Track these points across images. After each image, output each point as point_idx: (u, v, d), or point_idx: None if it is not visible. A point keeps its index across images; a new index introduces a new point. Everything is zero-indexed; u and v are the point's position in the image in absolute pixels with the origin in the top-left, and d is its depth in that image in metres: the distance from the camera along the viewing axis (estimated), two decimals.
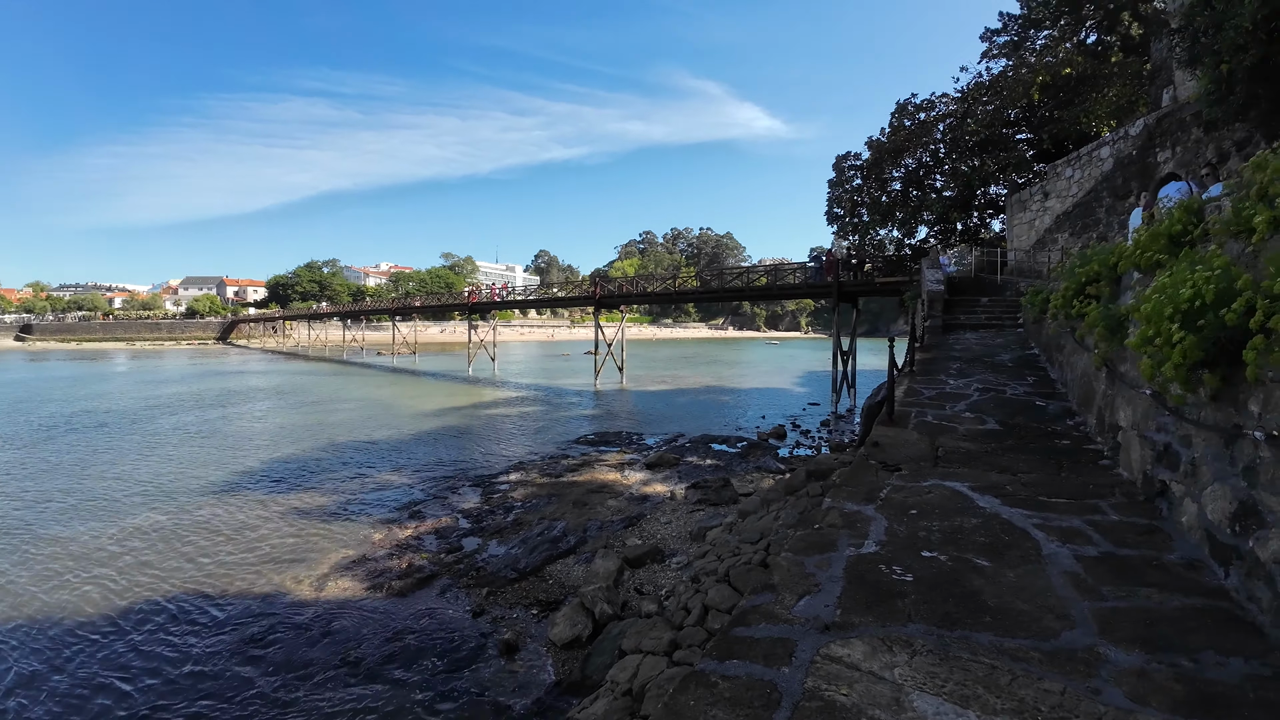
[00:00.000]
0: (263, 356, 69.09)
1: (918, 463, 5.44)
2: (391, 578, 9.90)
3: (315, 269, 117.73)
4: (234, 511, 13.38)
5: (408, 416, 25.62)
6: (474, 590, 9.41)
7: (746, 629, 2.83)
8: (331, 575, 10.11)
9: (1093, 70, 24.47)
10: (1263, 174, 3.39)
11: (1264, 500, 2.97)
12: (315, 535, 11.91)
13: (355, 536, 11.81)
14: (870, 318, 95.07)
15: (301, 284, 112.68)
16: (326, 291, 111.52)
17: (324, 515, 13.03)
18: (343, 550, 11.11)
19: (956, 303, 16.12)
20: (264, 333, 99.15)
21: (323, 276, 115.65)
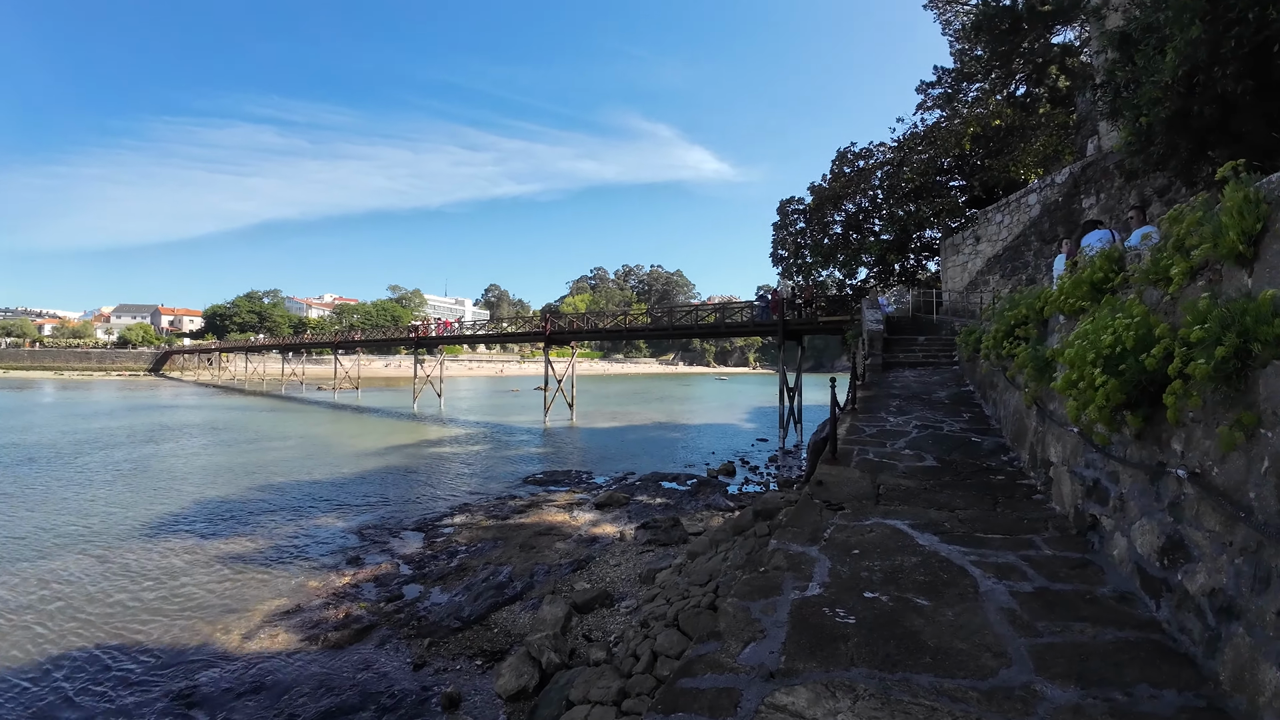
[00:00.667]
0: (196, 390, 66.20)
1: (860, 501, 5.52)
2: (328, 628, 9.40)
3: (255, 299, 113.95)
4: (164, 555, 12.76)
5: (348, 455, 24.71)
6: (415, 641, 9.00)
7: (692, 679, 2.79)
8: (264, 626, 9.58)
9: (1021, 121, 26.10)
10: (1179, 226, 3.63)
11: (1190, 535, 3.11)
12: (248, 582, 11.34)
13: (290, 584, 11.26)
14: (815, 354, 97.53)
15: (240, 314, 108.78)
16: (266, 323, 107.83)
17: (258, 561, 12.45)
18: (277, 599, 10.58)
19: (895, 341, 16.68)
20: (199, 365, 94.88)
21: (263, 307, 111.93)
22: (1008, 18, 27.50)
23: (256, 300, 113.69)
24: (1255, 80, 5.32)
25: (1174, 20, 5.63)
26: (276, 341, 79.55)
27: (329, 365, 70.02)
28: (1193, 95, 5.83)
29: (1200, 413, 3.12)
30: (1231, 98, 5.53)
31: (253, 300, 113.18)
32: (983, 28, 28.31)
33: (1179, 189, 9.91)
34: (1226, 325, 2.81)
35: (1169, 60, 5.77)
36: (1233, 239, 2.91)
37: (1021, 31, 27.74)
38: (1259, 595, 2.46)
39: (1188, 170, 7.02)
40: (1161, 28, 6.03)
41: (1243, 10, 5.01)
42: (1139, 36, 6.78)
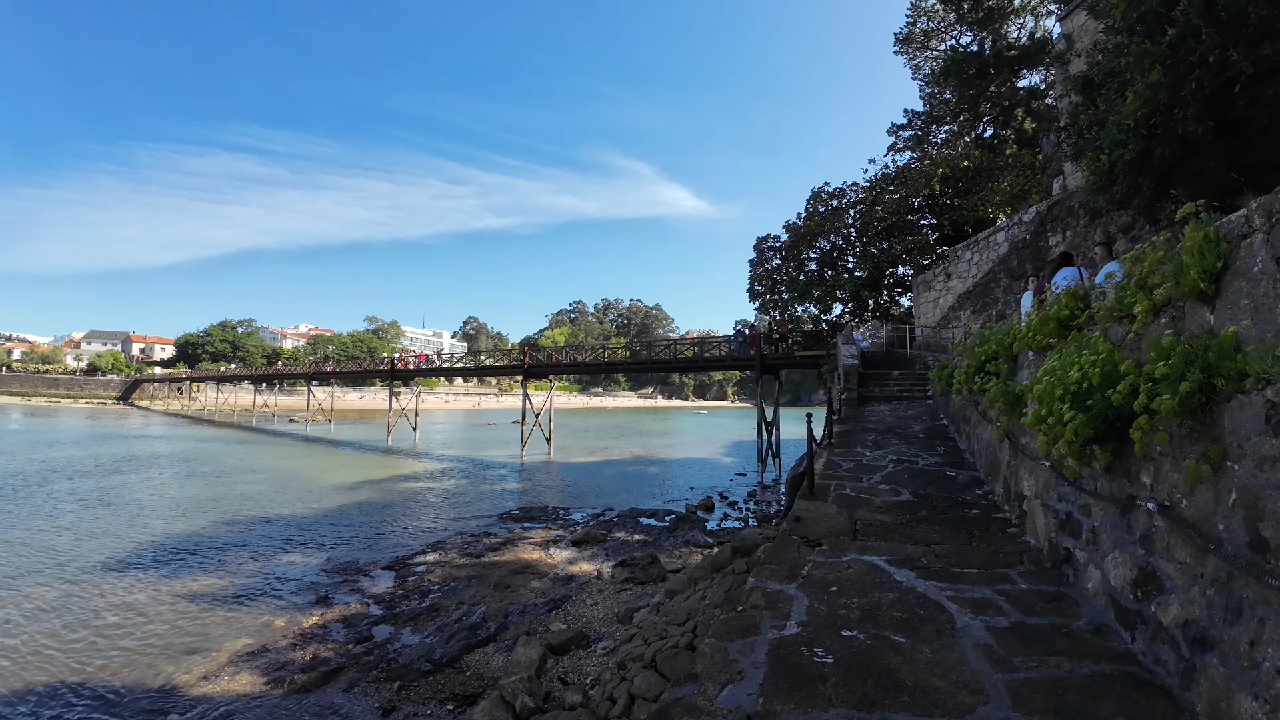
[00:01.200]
0: (165, 420, 64.68)
1: (837, 537, 5.50)
2: (294, 670, 9.05)
3: (229, 328, 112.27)
4: (128, 591, 12.39)
5: (319, 490, 24.12)
6: (384, 684, 8.68)
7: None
8: (228, 667, 9.23)
9: (989, 162, 27.00)
10: (1141, 265, 3.72)
11: (1162, 567, 3.13)
12: (213, 620, 10.97)
13: (256, 623, 10.88)
14: (792, 388, 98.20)
15: (213, 343, 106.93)
16: (239, 352, 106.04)
17: (223, 599, 12.06)
18: (242, 639, 10.21)
19: (870, 376, 16.86)
20: (168, 394, 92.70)
21: (236, 336, 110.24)
22: (975, 63, 28.74)
23: (230, 329, 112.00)
24: (1216, 121, 5.56)
25: (1135, 65, 5.89)
26: (249, 372, 78.17)
27: (302, 397, 68.65)
28: (1154, 136, 6.07)
29: (1167, 447, 3.16)
30: (1192, 138, 5.77)
31: (226, 329, 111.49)
32: (951, 73, 29.55)
33: (1143, 226, 10.26)
34: (1190, 361, 2.87)
35: (1130, 103, 6.03)
36: (1194, 277, 2.99)
37: (988, 76, 28.97)
38: (1231, 626, 2.47)
39: (1150, 208, 7.28)
40: (1123, 72, 6.31)
41: (1204, 54, 5.26)
42: (1101, 81, 7.08)
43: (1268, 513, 2.35)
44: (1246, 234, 2.67)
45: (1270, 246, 2.48)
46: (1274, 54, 4.73)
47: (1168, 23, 5.63)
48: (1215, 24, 5.14)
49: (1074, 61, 15.26)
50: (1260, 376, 2.41)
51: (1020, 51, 28.52)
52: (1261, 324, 2.54)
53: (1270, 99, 5.04)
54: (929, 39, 34.72)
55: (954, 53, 30.43)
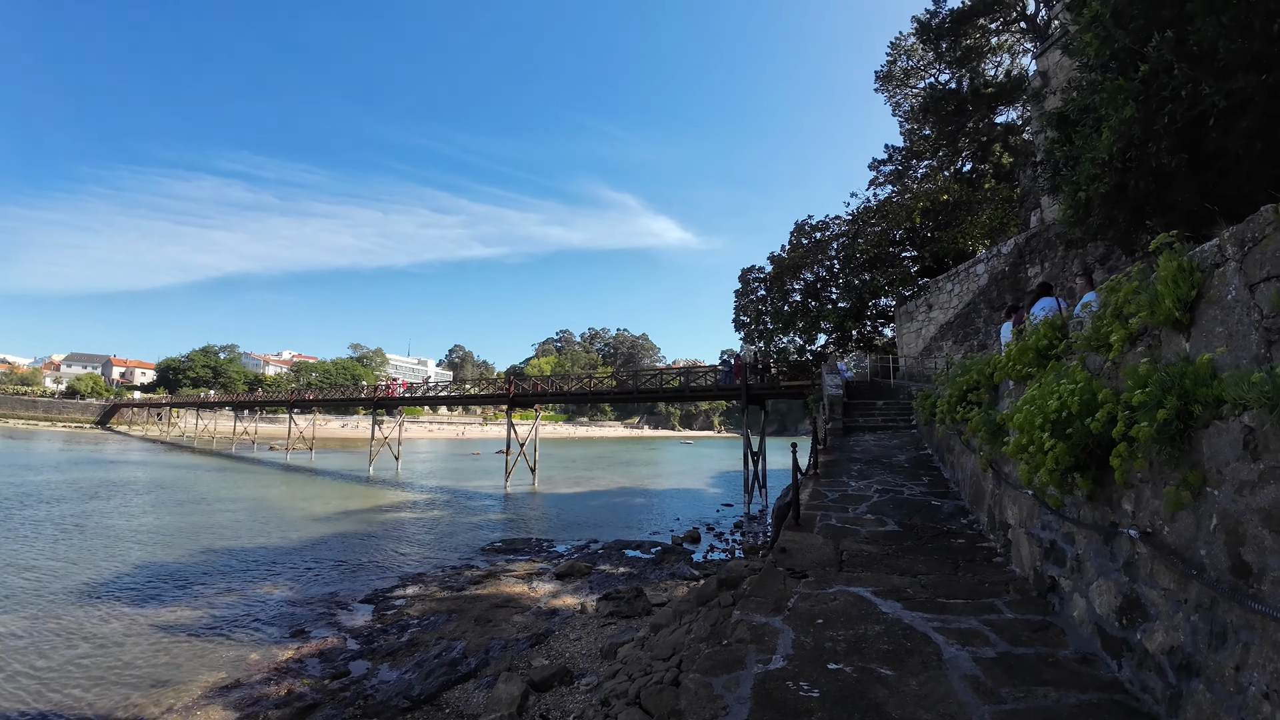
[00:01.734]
0: (143, 446, 63.46)
1: (823, 568, 5.44)
2: (268, 706, 8.77)
3: (211, 354, 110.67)
4: (103, 619, 12.12)
5: (298, 520, 23.61)
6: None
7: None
8: (201, 701, 8.96)
9: (968, 196, 27.56)
10: (1117, 295, 3.78)
11: (1146, 594, 3.11)
12: (186, 653, 10.67)
13: (230, 657, 10.58)
14: (779, 417, 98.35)
15: (195, 369, 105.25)
16: (221, 378, 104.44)
17: (197, 630, 11.76)
18: (215, 673, 9.93)
19: (855, 406, 16.93)
20: (147, 419, 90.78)
21: (218, 362, 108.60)
22: (953, 100, 29.54)
23: (212, 355, 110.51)
24: (1189, 153, 5.73)
25: (1109, 101, 6.08)
26: (229, 398, 76.87)
27: (283, 424, 67.37)
28: (1129, 170, 6.24)
29: (1147, 473, 3.18)
30: (1166, 170, 5.93)
31: (208, 355, 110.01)
32: (930, 109, 30.34)
33: (1119, 256, 10.49)
34: (1167, 388, 2.90)
35: (1105, 138, 6.20)
36: (1169, 306, 3.04)
37: (966, 113, 29.77)
38: (1216, 651, 2.46)
39: (1126, 239, 7.45)
40: (1097, 108, 6.50)
41: (1176, 89, 5.43)
42: (1076, 117, 7.30)
43: (1248, 537, 2.36)
44: (1219, 263, 2.72)
45: (1243, 274, 2.53)
46: (1246, 87, 4.89)
47: (1140, 59, 5.82)
48: (1187, 59, 5.32)
49: (1049, 98, 15.74)
50: (1237, 402, 2.44)
51: (997, 89, 29.37)
52: (1236, 350, 2.57)
53: (1243, 130, 5.20)
54: (908, 77, 35.70)
55: (933, 90, 31.27)
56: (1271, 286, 2.33)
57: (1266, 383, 2.24)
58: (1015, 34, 31.14)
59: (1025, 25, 29.92)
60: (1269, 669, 2.16)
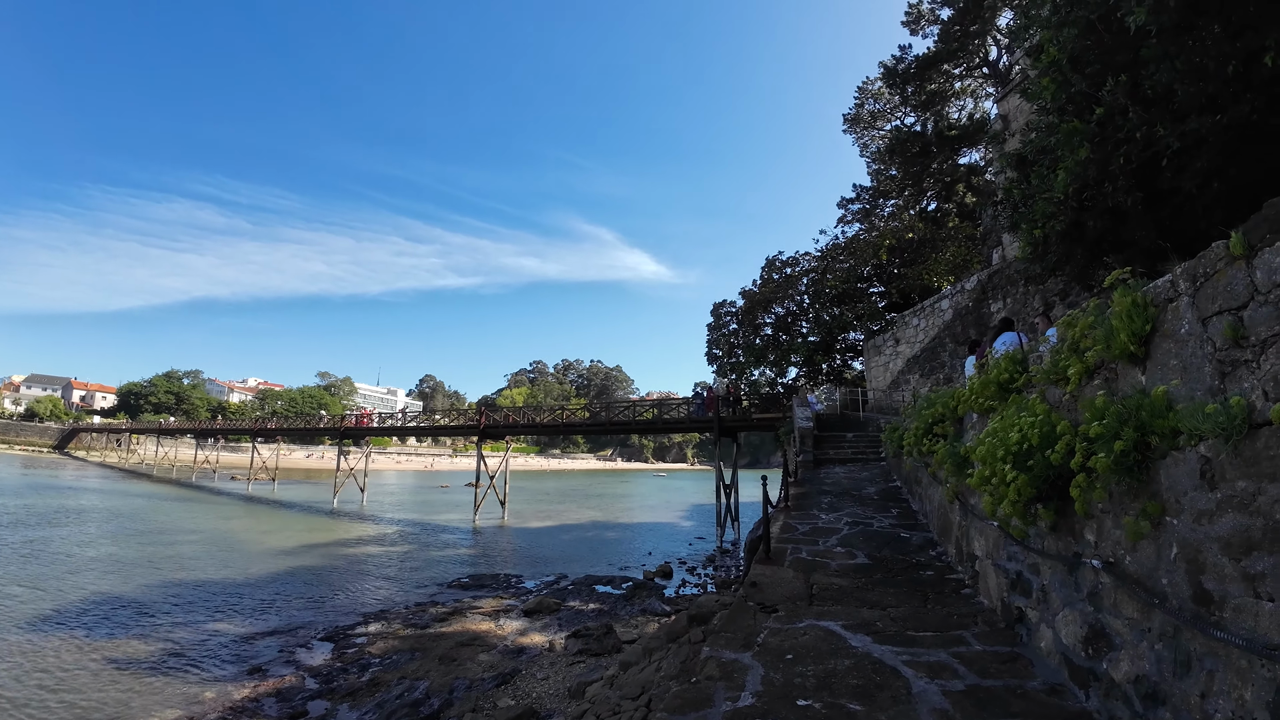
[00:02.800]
0: (101, 472, 61.32)
1: (794, 602, 5.39)
2: None
3: (174, 379, 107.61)
4: (54, 651, 11.63)
5: (258, 554, 22.78)
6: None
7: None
8: None
9: (933, 234, 28.39)
10: (1074, 330, 3.87)
11: (1110, 624, 3.12)
12: (138, 690, 10.23)
13: (183, 694, 10.14)
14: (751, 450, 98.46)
15: (157, 394, 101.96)
16: (184, 404, 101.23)
17: (150, 666, 11.29)
18: (169, 710, 9.52)
19: (825, 438, 17.03)
20: (106, 445, 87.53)
21: (181, 388, 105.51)
22: (918, 142, 30.57)
23: (175, 380, 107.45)
24: (1144, 192, 5.96)
25: (1065, 143, 6.33)
26: (190, 425, 74.53)
27: (246, 454, 65.38)
28: (1085, 208, 6.49)
29: (1107, 504, 3.22)
30: (1122, 209, 6.16)
31: (171, 380, 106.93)
32: (896, 151, 31.34)
33: (1078, 292, 10.82)
34: (1124, 420, 2.96)
35: (1061, 178, 6.45)
36: (1124, 340, 3.11)
37: (931, 154, 30.80)
38: (1181, 680, 2.46)
39: (1083, 275, 7.70)
40: (1054, 150, 6.77)
41: (1130, 131, 5.67)
42: (1034, 158, 7.59)
43: (1209, 566, 2.38)
44: (1173, 298, 2.80)
45: (1196, 309, 2.60)
46: (1200, 128, 5.12)
47: (1095, 102, 6.09)
48: (1141, 102, 5.57)
49: (1009, 140, 16.35)
50: (1193, 433, 2.49)
51: (960, 131, 30.50)
52: (1191, 383, 2.63)
53: (1197, 170, 5.43)
54: (875, 119, 36.94)
55: (899, 132, 32.36)
56: (1224, 320, 2.40)
57: (1221, 414, 2.29)
58: (978, 79, 32.51)
59: (987, 71, 31.27)
60: (1234, 696, 2.17)
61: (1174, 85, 5.11)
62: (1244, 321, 2.30)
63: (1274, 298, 2.14)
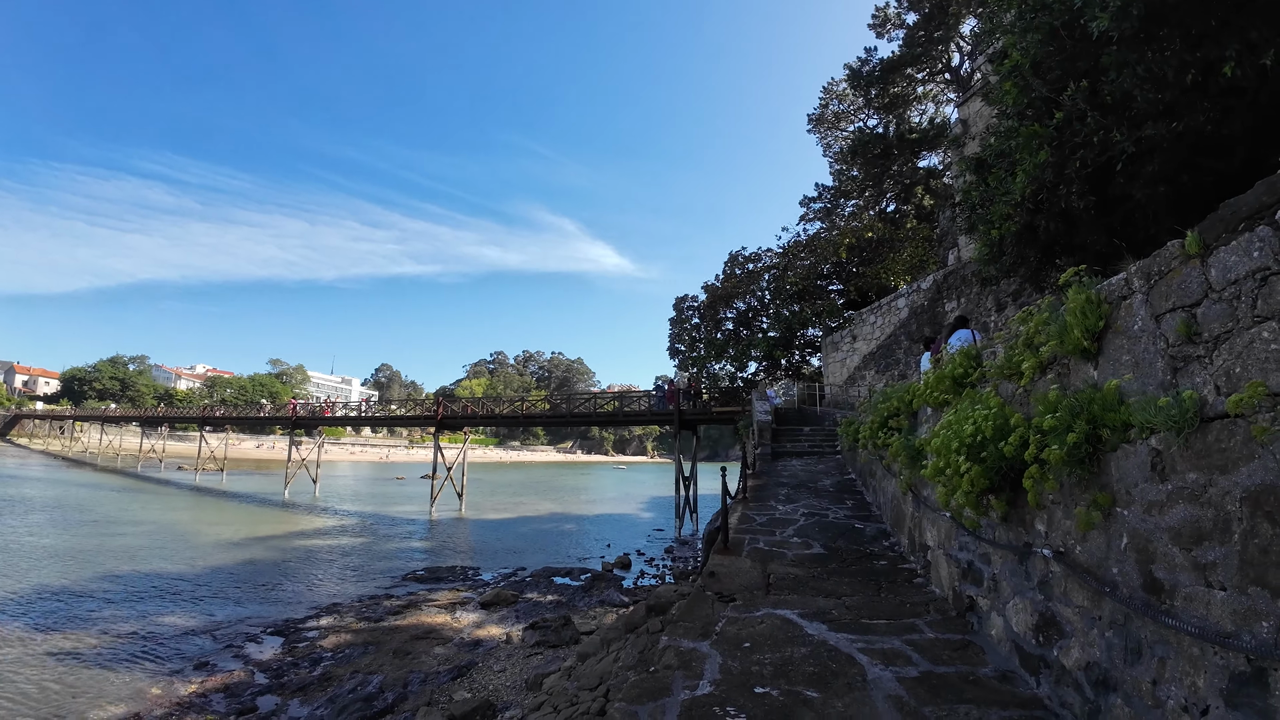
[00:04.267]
0: (44, 461, 59.15)
1: (751, 591, 5.43)
2: None
3: (120, 364, 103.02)
4: None
5: (206, 546, 22.03)
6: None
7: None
8: None
9: (891, 234, 28.99)
10: (1028, 325, 3.95)
11: (1061, 612, 3.20)
12: (83, 684, 9.91)
13: (128, 689, 9.84)
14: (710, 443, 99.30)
15: (101, 380, 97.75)
16: (129, 391, 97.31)
17: (95, 660, 10.93)
18: (113, 705, 9.23)
19: (783, 432, 17.25)
20: (50, 432, 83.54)
21: (127, 374, 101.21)
22: (880, 144, 31.12)
23: (121, 366, 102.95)
24: (1097, 196, 6.14)
25: (1024, 146, 6.49)
26: (137, 413, 71.60)
27: (193, 442, 63.02)
28: (1039, 212, 6.67)
29: (1059, 495, 3.30)
30: (1075, 213, 6.35)
31: (117, 366, 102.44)
32: (858, 152, 31.85)
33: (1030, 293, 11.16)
34: (1076, 414, 3.03)
35: (1019, 181, 6.62)
36: (1077, 336, 3.18)
37: (892, 156, 31.41)
38: (1132, 666, 2.53)
39: (1036, 276, 7.93)
40: (1013, 153, 6.94)
41: (1088, 135, 5.83)
42: (993, 161, 7.77)
43: (1159, 555, 2.45)
44: (1126, 295, 2.87)
45: (1150, 306, 2.67)
46: (1155, 134, 5.28)
47: (1056, 107, 6.25)
48: (1100, 108, 5.74)
49: (969, 144, 16.75)
50: (1144, 426, 2.55)
51: (921, 135, 31.17)
52: (1143, 378, 2.70)
53: (1149, 175, 5.61)
54: (839, 120, 37.45)
55: (861, 134, 32.90)
56: (1177, 317, 2.47)
57: (1173, 407, 2.35)
58: (939, 84, 33.23)
59: (949, 76, 31.97)
60: (1186, 683, 2.24)
61: (1133, 92, 5.26)
62: (1197, 318, 2.36)
63: (1228, 295, 2.21)
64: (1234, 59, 4.61)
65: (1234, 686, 2.03)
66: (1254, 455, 2.03)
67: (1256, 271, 2.09)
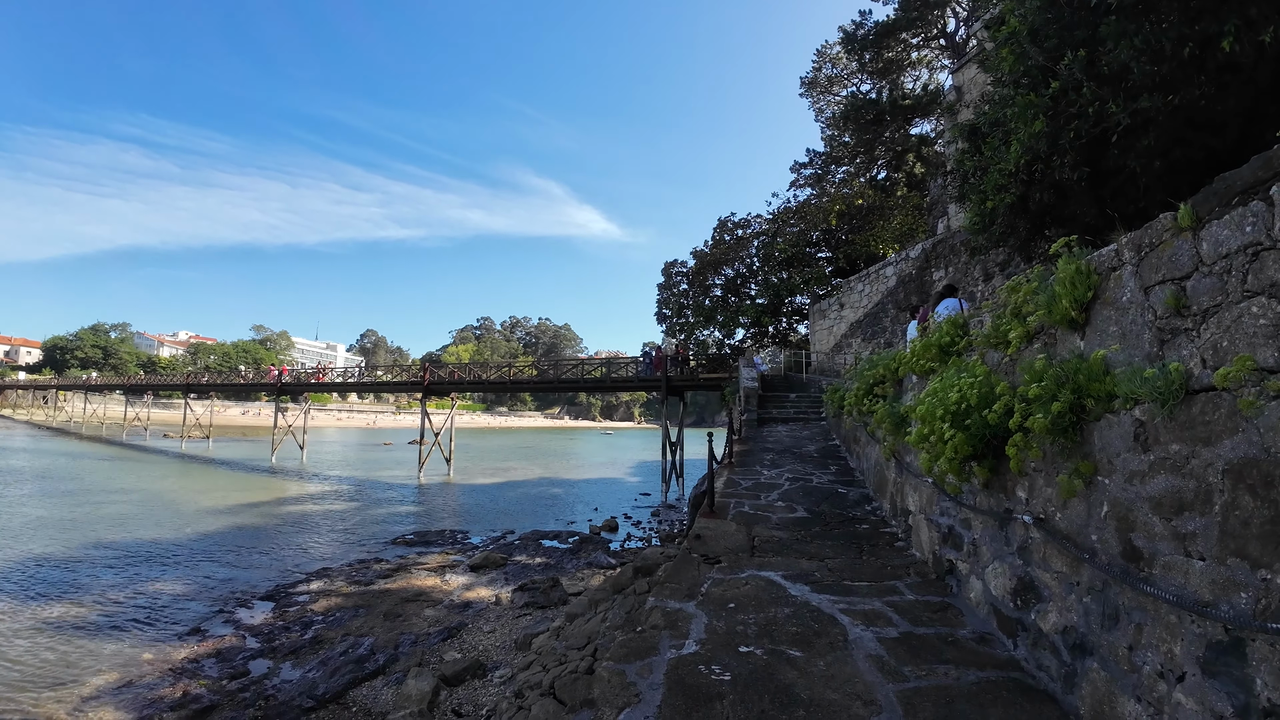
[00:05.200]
0: (28, 431, 58.54)
1: (736, 554, 5.52)
2: (163, 708, 8.15)
3: (101, 332, 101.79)
4: None
5: (194, 513, 22.00)
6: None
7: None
8: (91, 702, 8.33)
9: (881, 202, 28.83)
10: (1017, 295, 3.97)
11: (1039, 576, 3.29)
12: (75, 653, 9.89)
13: (121, 657, 9.84)
14: (697, 409, 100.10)
15: (84, 349, 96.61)
16: (112, 359, 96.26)
17: (85, 629, 10.91)
18: (106, 673, 9.22)
19: (769, 398, 17.39)
20: (33, 402, 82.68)
21: (109, 342, 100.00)
22: (872, 110, 30.72)
23: (103, 334, 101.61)
24: (1091, 168, 6.11)
25: (1020, 115, 6.42)
26: (120, 381, 70.78)
27: (178, 410, 62.69)
28: (1033, 183, 6.62)
29: (1041, 463, 3.36)
30: (1067, 184, 6.32)
31: (98, 334, 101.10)
32: (850, 118, 31.44)
33: (1018, 263, 11.17)
34: (1061, 383, 3.06)
35: (1014, 151, 6.56)
36: (1065, 306, 3.20)
37: (884, 122, 31.04)
38: (1109, 631, 2.61)
39: (1025, 247, 7.93)
40: (1008, 122, 6.86)
41: (1084, 106, 5.77)
42: (987, 130, 7.69)
43: (1139, 524, 2.51)
44: (1116, 266, 2.88)
45: (1139, 278, 2.68)
46: (1151, 107, 5.24)
47: (1052, 76, 6.17)
48: (1096, 78, 5.67)
49: (963, 111, 16.56)
50: (1129, 397, 2.59)
51: (914, 101, 30.78)
52: (1129, 349, 2.73)
53: (1143, 149, 5.58)
54: (832, 84, 36.89)
55: (854, 99, 32.45)
56: (1167, 289, 2.48)
57: (1159, 379, 2.38)
58: (934, 50, 32.72)
59: (944, 42, 31.49)
60: (1163, 649, 2.31)
61: (1130, 63, 5.19)
62: (1186, 291, 2.38)
63: (1218, 269, 2.22)
64: (1233, 34, 4.55)
65: (1211, 655, 2.09)
66: (1238, 429, 2.07)
67: (1248, 246, 2.09)
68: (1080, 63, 5.65)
